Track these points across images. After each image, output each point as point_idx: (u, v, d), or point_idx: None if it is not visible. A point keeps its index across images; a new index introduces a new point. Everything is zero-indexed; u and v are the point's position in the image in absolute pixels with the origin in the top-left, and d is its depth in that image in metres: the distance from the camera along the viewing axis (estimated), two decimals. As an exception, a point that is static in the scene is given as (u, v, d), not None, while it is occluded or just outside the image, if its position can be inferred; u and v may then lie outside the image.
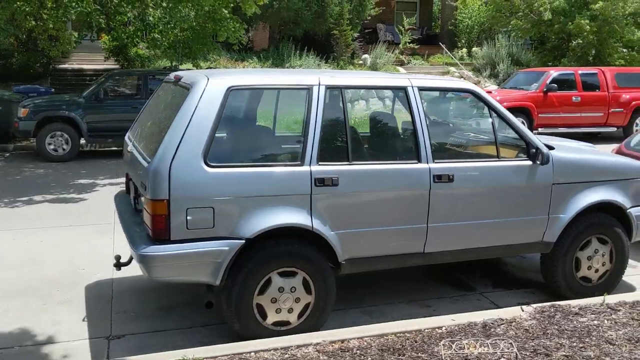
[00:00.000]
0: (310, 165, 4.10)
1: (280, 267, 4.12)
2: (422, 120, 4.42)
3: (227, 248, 3.93)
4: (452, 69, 24.81)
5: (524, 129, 4.79)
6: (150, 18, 13.47)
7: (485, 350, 3.87)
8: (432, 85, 4.73)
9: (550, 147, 4.94)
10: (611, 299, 4.79)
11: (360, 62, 24.14)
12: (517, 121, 4.78)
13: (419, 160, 4.41)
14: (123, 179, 9.63)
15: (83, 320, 4.67)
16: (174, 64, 14.97)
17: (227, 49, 19.81)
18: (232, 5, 13.58)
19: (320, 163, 4.13)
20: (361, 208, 4.29)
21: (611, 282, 5.20)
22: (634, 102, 15.44)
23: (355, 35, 23.82)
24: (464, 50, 26.55)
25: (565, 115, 15.04)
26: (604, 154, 5.45)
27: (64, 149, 11.65)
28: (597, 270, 5.12)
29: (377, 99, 5.05)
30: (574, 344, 3.94)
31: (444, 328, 4.28)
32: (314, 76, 4.29)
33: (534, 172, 4.73)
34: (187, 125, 3.86)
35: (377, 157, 4.42)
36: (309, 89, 4.21)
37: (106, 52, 19.93)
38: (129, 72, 13.87)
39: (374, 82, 4.76)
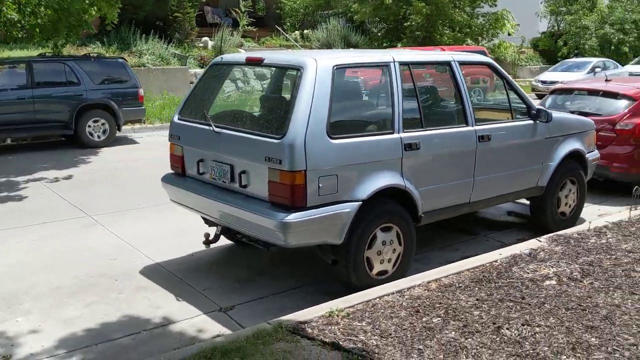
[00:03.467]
0: (399, 133, 4.71)
1: (383, 223, 4.70)
2: (466, 89, 5.25)
3: (349, 210, 4.41)
4: (290, 50, 25.82)
5: (526, 94, 5.85)
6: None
7: (554, 269, 4.86)
8: (469, 59, 5.59)
9: (537, 109, 6.07)
10: (589, 225, 6.08)
11: (201, 44, 24.07)
12: (521, 89, 5.83)
13: (467, 124, 5.23)
14: (39, 174, 9.16)
15: (178, 300, 4.76)
16: (47, 51, 13.78)
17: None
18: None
19: (405, 130, 4.76)
20: (434, 167, 5.02)
21: (577, 214, 6.57)
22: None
23: (190, 17, 23.67)
24: (297, 32, 27.69)
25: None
26: (566, 113, 6.78)
27: (-58, 149, 10.38)
28: (570, 206, 6.43)
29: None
30: (608, 256, 5.12)
31: (498, 261, 5.19)
32: (388, 54, 4.88)
33: (535, 129, 5.82)
34: (312, 102, 4.23)
35: (439, 123, 5.14)
36: (387, 66, 4.79)
37: None
38: (8, 60, 12.49)
39: (428, 58, 5.46)
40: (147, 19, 21.83)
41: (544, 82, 18.58)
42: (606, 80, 8.62)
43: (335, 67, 4.44)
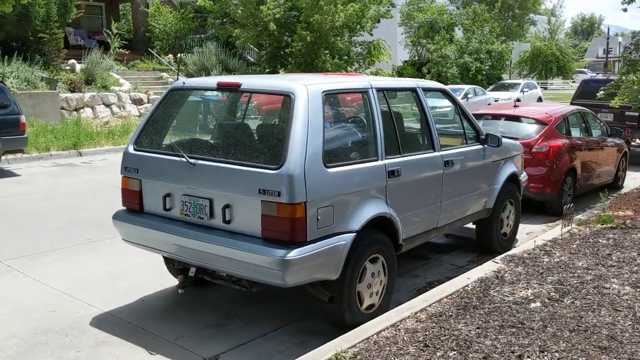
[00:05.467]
0: (383, 160, 4.58)
1: (371, 254, 4.51)
2: (431, 115, 5.25)
3: (345, 242, 4.18)
4: (164, 74, 24.98)
5: (475, 120, 6.00)
6: None
7: (530, 291, 4.94)
8: (430, 86, 5.59)
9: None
10: (534, 244, 6.32)
11: (68, 67, 22.50)
12: (472, 115, 5.96)
13: (434, 149, 5.23)
14: None
15: (151, 354, 4.21)
16: None
17: None
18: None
19: (386, 157, 4.63)
20: (412, 193, 4.93)
21: (514, 234, 6.83)
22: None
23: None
24: (170, 56, 26.87)
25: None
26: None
27: None
28: (510, 226, 6.67)
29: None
30: (570, 275, 5.30)
31: (470, 285, 5.20)
32: (365, 80, 4.74)
33: (484, 153, 5.97)
34: (307, 130, 3.97)
35: (413, 148, 5.07)
36: (366, 92, 4.65)
37: None
38: None
39: (398, 85, 5.37)
40: (8, 39, 20.06)
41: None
42: (515, 106, 9.15)
43: (324, 93, 4.22)
